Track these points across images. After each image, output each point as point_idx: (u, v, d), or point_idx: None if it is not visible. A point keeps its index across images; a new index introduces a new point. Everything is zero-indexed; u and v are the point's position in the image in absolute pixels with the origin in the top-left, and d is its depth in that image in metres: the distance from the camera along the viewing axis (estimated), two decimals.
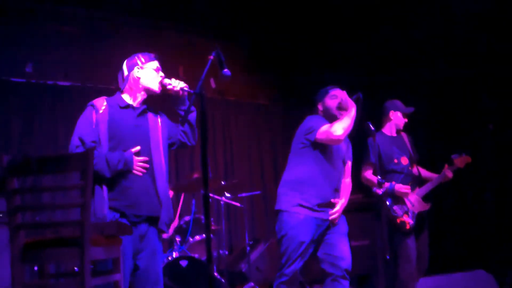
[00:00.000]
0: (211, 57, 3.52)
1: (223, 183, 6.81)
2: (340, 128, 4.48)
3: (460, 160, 5.64)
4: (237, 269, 7.03)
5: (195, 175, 6.79)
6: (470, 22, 7.06)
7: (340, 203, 4.67)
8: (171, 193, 7.21)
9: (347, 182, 4.88)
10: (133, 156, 3.94)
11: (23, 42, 7.07)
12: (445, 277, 5.12)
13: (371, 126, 5.01)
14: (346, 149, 4.87)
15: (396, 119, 5.77)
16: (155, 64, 4.20)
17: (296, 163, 4.75)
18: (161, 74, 4.18)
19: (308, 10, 7.99)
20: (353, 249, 6.94)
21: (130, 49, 7.58)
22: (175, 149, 4.35)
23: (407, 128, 5.81)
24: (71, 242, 3.04)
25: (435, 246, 5.86)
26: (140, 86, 4.15)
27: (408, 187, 5.49)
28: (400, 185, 5.47)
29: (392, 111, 5.77)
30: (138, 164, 3.95)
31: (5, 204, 3.10)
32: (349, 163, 4.92)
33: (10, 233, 3.05)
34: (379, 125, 5.74)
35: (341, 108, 4.70)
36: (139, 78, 4.14)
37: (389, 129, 5.81)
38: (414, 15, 7.52)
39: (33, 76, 7.20)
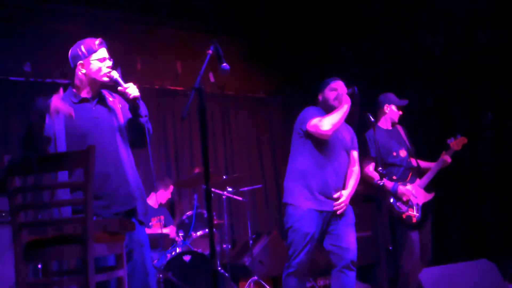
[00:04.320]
0: (210, 51, 3.50)
1: (224, 177, 6.80)
2: (328, 123, 4.58)
3: (456, 143, 5.63)
4: (240, 263, 7.04)
5: (196, 170, 6.79)
6: (468, 13, 7.06)
7: (346, 193, 4.73)
8: (171, 187, 7.24)
9: (355, 170, 4.93)
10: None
11: (21, 41, 7.06)
12: (448, 267, 5.12)
13: (370, 117, 5.02)
14: (350, 140, 4.93)
15: (391, 113, 5.77)
16: (99, 54, 3.98)
17: (296, 154, 4.84)
18: (108, 63, 3.98)
19: (306, 3, 7.98)
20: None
21: (127, 46, 7.65)
22: None
23: (401, 120, 5.81)
24: (74, 239, 3.04)
25: (438, 236, 5.86)
26: (87, 80, 3.99)
27: (409, 190, 5.48)
28: (402, 188, 5.45)
29: (387, 104, 5.76)
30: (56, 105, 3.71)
31: (7, 204, 3.10)
32: (355, 153, 4.97)
33: (13, 232, 3.06)
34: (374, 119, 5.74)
35: (339, 100, 4.75)
36: (83, 74, 3.98)
37: (384, 123, 5.80)
38: (411, 9, 7.52)
39: (32, 74, 7.20)
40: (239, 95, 9.13)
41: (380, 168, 4.99)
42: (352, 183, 4.85)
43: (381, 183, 5.04)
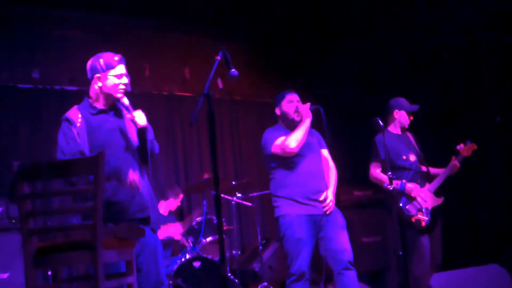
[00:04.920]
0: (218, 57, 3.50)
1: (233, 183, 6.80)
2: (293, 140, 4.67)
3: (466, 149, 5.60)
4: (250, 269, 7.02)
5: (206, 176, 6.79)
6: (474, 14, 7.05)
7: (330, 192, 4.81)
8: (181, 196, 7.23)
9: (331, 167, 5.02)
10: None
11: (29, 48, 7.09)
12: (458, 272, 5.08)
13: (379, 122, 5.00)
14: (317, 141, 5.03)
15: (401, 118, 5.73)
16: (117, 70, 4.02)
17: (272, 172, 4.95)
18: (125, 81, 4.03)
19: (313, 7, 7.98)
20: (364, 246, 6.98)
21: (135, 52, 7.67)
22: None
23: (412, 126, 5.78)
24: (84, 246, 3.04)
25: (448, 241, 5.83)
26: (102, 94, 4.05)
27: (417, 185, 5.47)
28: (410, 185, 5.44)
29: (397, 110, 5.73)
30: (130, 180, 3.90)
31: (17, 210, 3.10)
32: (325, 151, 5.06)
33: (22, 239, 3.06)
34: (383, 124, 5.71)
35: (299, 114, 4.85)
36: (99, 87, 4.02)
37: (394, 128, 5.77)
38: (415, 9, 7.51)
39: (40, 81, 7.22)
40: (247, 100, 9.13)
41: (389, 173, 4.97)
42: (332, 181, 4.95)
43: (391, 188, 5.02)
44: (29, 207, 3.09)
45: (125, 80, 4.04)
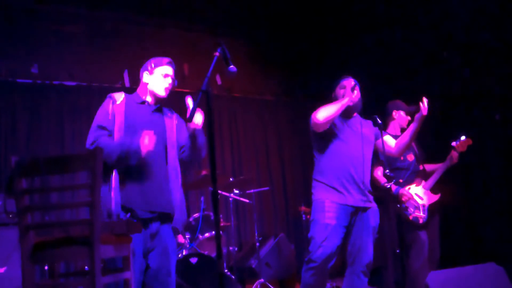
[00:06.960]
0: (217, 53, 3.49)
1: (231, 179, 6.80)
2: (321, 111, 4.55)
3: (461, 145, 5.60)
4: (247, 265, 7.02)
5: (203, 172, 6.78)
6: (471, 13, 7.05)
7: None
8: None
9: (393, 148, 4.93)
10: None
11: (28, 43, 7.09)
12: (455, 270, 5.08)
13: (378, 119, 4.99)
14: (373, 134, 4.88)
15: (399, 118, 5.78)
16: (164, 69, 4.17)
17: (316, 155, 4.83)
18: (169, 80, 4.16)
19: (314, 6, 7.98)
20: None
21: (134, 48, 7.67)
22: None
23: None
24: (81, 241, 3.03)
25: (446, 240, 5.84)
26: (148, 90, 4.18)
27: (410, 192, 5.48)
28: (403, 191, 5.46)
29: (395, 110, 5.78)
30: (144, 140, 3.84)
31: (14, 205, 3.10)
32: (381, 140, 4.85)
33: (19, 234, 3.05)
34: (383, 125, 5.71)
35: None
36: (147, 83, 4.18)
37: (393, 129, 5.80)
38: (414, 10, 7.51)
39: (39, 76, 7.22)
40: (246, 97, 9.12)
41: (387, 171, 4.97)
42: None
43: (388, 186, 5.02)
44: (26, 202, 3.09)
45: (169, 80, 4.16)
